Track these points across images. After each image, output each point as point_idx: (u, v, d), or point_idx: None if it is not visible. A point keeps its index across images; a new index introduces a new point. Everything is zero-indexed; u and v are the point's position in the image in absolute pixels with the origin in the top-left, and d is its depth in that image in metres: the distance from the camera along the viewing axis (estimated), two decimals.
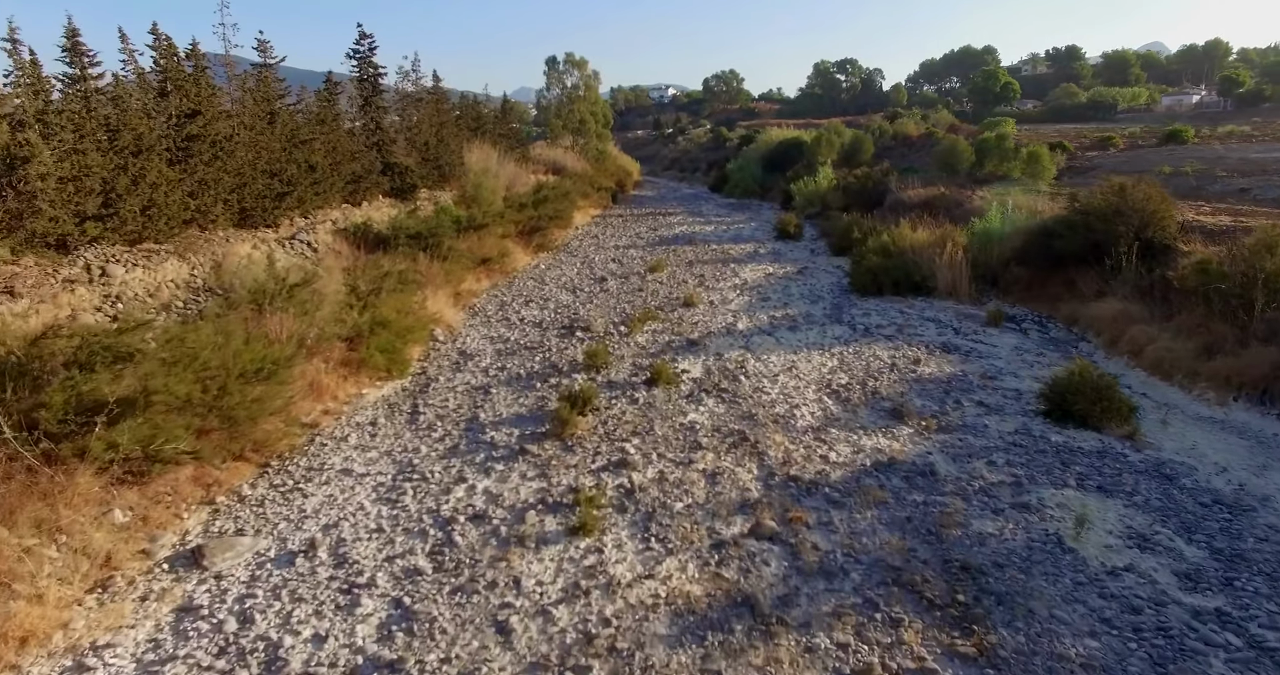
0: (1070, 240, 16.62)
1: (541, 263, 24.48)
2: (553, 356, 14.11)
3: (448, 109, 34.59)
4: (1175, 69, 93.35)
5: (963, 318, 16.31)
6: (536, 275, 22.35)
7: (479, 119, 38.78)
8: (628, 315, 16.92)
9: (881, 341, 14.59)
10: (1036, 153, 26.01)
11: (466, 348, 15.03)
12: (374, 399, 12.23)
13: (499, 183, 32.85)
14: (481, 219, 23.97)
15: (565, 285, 20.62)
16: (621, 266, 23.23)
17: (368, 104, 26.16)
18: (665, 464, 9.35)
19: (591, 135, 49.75)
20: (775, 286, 19.85)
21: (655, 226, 32.91)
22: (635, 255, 25.26)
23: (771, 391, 11.86)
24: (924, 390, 11.85)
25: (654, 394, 11.85)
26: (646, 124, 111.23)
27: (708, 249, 26.09)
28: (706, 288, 19.75)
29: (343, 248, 18.62)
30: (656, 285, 20.24)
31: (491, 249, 22.38)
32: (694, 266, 22.85)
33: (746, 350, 14.14)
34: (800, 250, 25.78)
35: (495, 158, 35.07)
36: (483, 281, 20.94)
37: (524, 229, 26.26)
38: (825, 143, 43.17)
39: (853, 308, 17.40)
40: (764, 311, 17.14)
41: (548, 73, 49.82)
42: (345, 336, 13.12)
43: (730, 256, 24.59)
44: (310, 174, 20.49)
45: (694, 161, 70.59)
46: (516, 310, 17.97)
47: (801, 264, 23.07)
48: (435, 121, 31.74)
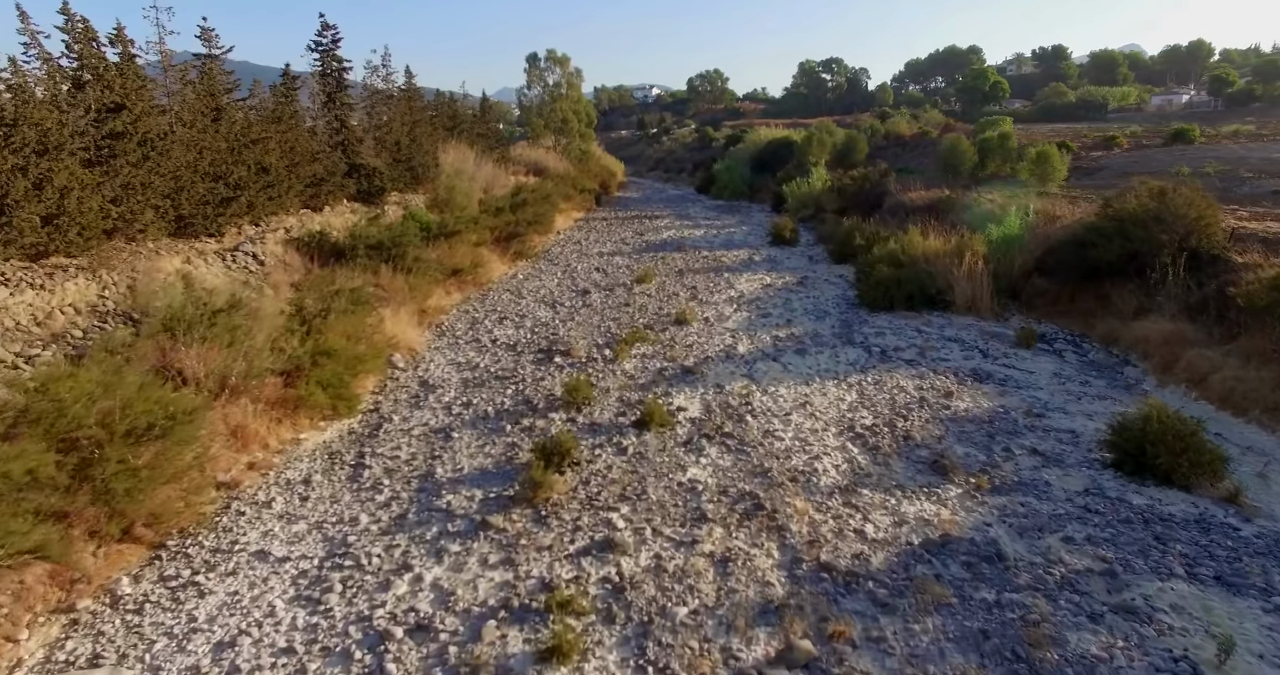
0: (1106, 250, 14.86)
1: (519, 272, 22.47)
2: (527, 389, 12.13)
3: (421, 107, 32.44)
4: (1159, 69, 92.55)
5: (988, 337, 14.50)
6: (513, 287, 20.34)
7: (455, 118, 36.66)
8: (613, 336, 14.98)
9: (903, 368, 12.73)
10: (1046, 153, 24.35)
11: (429, 377, 13.02)
12: (313, 446, 10.21)
13: (474, 185, 30.80)
14: (454, 225, 21.93)
15: (544, 299, 18.63)
16: (606, 276, 21.27)
17: (331, 101, 24.01)
18: (662, 544, 7.42)
19: (574, 135, 47.71)
20: (775, 300, 17.97)
21: (641, 231, 30.98)
22: (621, 263, 23.31)
23: (785, 436, 9.95)
24: (964, 433, 9.99)
25: (645, 440, 9.91)
26: (630, 124, 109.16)
27: (698, 256, 24.19)
28: (700, 301, 17.84)
29: (294, 260, 16.53)
30: (645, 299, 18.30)
31: (464, 258, 20.35)
32: (685, 276, 20.94)
33: (750, 380, 12.23)
34: (798, 257, 23.94)
35: (472, 159, 33.04)
36: (453, 295, 18.90)
37: (501, 235, 24.22)
38: (817, 143, 41.37)
39: (864, 325, 15.55)
40: (766, 330, 15.25)
41: (528, 70, 47.71)
42: (282, 370, 11.09)
43: (723, 264, 22.71)
44: (263, 177, 18.39)
45: (679, 162, 68.72)
46: (489, 329, 15.96)
47: (801, 273, 21.22)
48: (407, 120, 29.63)
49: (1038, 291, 16.68)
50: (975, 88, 66.57)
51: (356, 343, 12.73)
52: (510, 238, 24.45)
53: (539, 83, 47.84)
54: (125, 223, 14.06)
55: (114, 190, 13.85)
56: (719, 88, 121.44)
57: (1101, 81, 74.19)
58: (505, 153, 41.39)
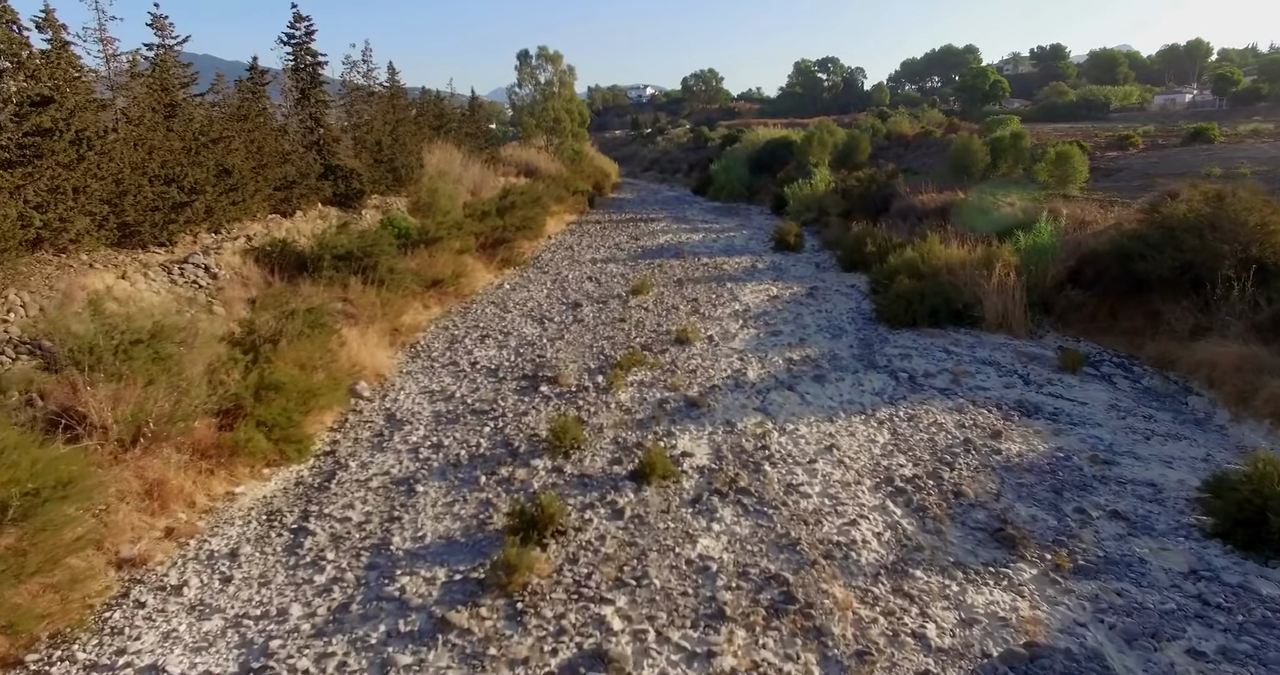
0: (1155, 262, 13.24)
1: (506, 282, 20.76)
2: (508, 426, 10.45)
3: (405, 105, 30.70)
4: (1157, 69, 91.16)
5: (1026, 360, 12.87)
6: (499, 299, 18.63)
7: (442, 117, 34.90)
8: (607, 358, 13.30)
9: (938, 399, 11.09)
10: (1066, 153, 22.79)
11: (398, 409, 11.33)
12: (250, 503, 8.51)
13: (461, 188, 29.08)
14: (435, 231, 20.21)
15: (531, 313, 16.93)
16: (599, 286, 19.59)
17: (305, 98, 22.24)
18: (670, 654, 5.75)
19: (567, 135, 45.97)
20: (785, 314, 16.32)
21: (637, 235, 29.30)
22: (615, 271, 21.63)
23: (812, 491, 8.30)
24: (1023, 486, 8.35)
25: (645, 498, 8.24)
26: (624, 124, 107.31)
27: (698, 263, 22.53)
28: (702, 316, 16.17)
29: (253, 272, 14.78)
30: (641, 312, 16.63)
31: (445, 267, 18.64)
32: (684, 287, 19.27)
33: (765, 415, 10.58)
34: (804, 265, 22.30)
35: (460, 160, 31.33)
36: (432, 309, 17.19)
37: (486, 241, 22.51)
38: (817, 142, 39.76)
39: (886, 345, 13.92)
40: (777, 351, 13.60)
41: (519, 68, 45.91)
42: (219, 409, 9.38)
43: (725, 273, 21.05)
44: (224, 179, 16.68)
45: (674, 162, 67.10)
46: (469, 350, 14.26)
47: (809, 282, 19.58)
48: (390, 119, 27.89)
49: (1072, 305, 15.06)
50: (975, 87, 65.06)
51: (313, 372, 11.02)
52: (497, 244, 22.74)
53: (530, 81, 46.09)
54: (53, 232, 12.33)
55: (40, 195, 12.12)
56: (714, 87, 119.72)
57: (1101, 81, 72.78)
58: (495, 153, 39.67)
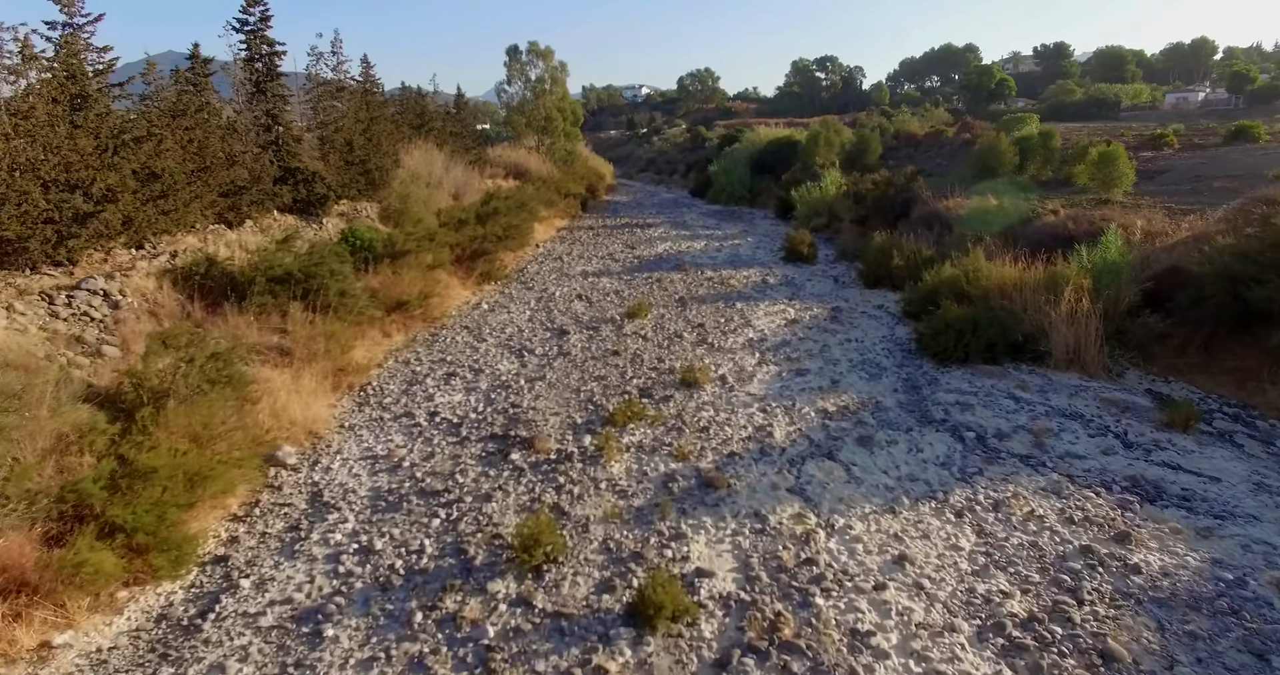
0: (1275, 287, 10.65)
1: (484, 301, 18.06)
2: (463, 518, 7.79)
3: (381, 102, 27.99)
4: (1161, 67, 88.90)
5: (1116, 411, 10.26)
6: (473, 322, 15.95)
7: (423, 115, 32.17)
8: (597, 408, 10.65)
9: (1023, 473, 8.47)
10: (1111, 154, 20.23)
11: (326, 485, 8.66)
12: (70, 666, 5.85)
13: (441, 192, 26.39)
14: (403, 243, 17.52)
15: (509, 343, 14.26)
16: (590, 308, 16.92)
17: (260, 92, 19.55)
18: None
19: (559, 134, 43.22)
20: (808, 344, 13.68)
21: (632, 243, 26.63)
22: (608, 287, 18.97)
23: (888, 645, 5.66)
24: (1199, 641, 5.70)
25: (647, 657, 5.60)
26: (620, 124, 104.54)
27: (701, 278, 19.88)
28: (711, 347, 13.53)
29: (169, 299, 12.09)
30: (639, 342, 13.98)
31: (412, 286, 15.95)
32: (688, 308, 16.61)
33: (804, 501, 7.94)
34: (820, 279, 19.66)
35: (441, 161, 28.65)
36: (394, 337, 14.51)
37: (464, 253, 19.83)
38: (824, 142, 37.12)
39: (936, 388, 11.30)
40: (806, 397, 10.96)
41: (508, 64, 43.09)
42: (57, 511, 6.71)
43: (733, 289, 18.41)
44: (151, 185, 14.06)
45: (671, 163, 64.41)
46: (429, 394, 11.59)
47: (829, 301, 16.95)
48: (364, 116, 25.21)
49: (1153, 336, 12.47)
50: (980, 85, 62.51)
51: (212, 442, 8.34)
52: (475, 256, 20.05)
53: (520, 78, 43.33)
54: None
55: None
56: (710, 87, 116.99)
57: (1107, 80, 70.35)
58: (483, 154, 36.98)
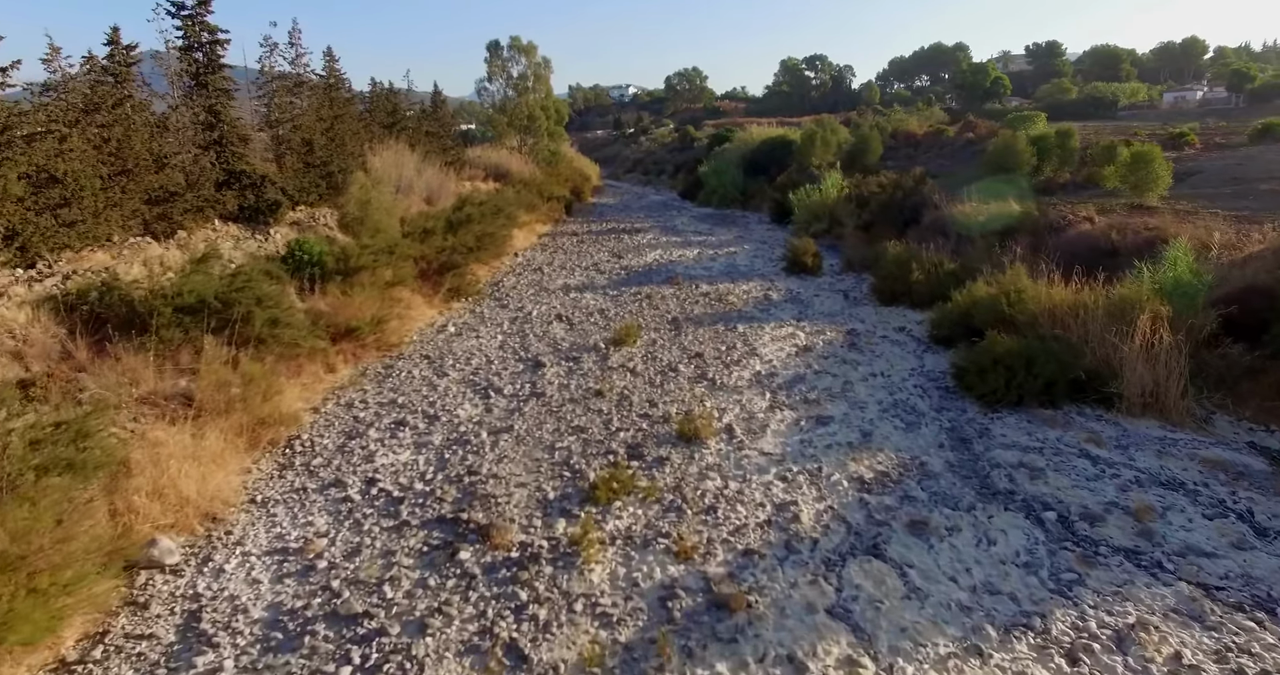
0: None
1: (451, 322, 15.79)
2: (384, 665, 5.58)
3: (348, 99, 25.62)
4: (1152, 66, 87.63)
5: (1225, 477, 8.14)
6: (435, 351, 13.68)
7: (395, 114, 29.79)
8: (575, 474, 8.44)
9: (1139, 581, 6.32)
10: (1145, 154, 18.25)
11: (211, 601, 6.40)
12: None
13: (412, 197, 24.08)
14: (358, 258, 15.23)
15: (474, 378, 12.01)
16: (571, 330, 14.70)
17: (200, 85, 17.19)
18: None
19: (542, 134, 40.91)
20: (827, 379, 11.52)
21: (619, 251, 24.42)
22: (592, 305, 16.75)
23: None
24: None
25: None
26: (606, 124, 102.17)
27: (696, 293, 17.70)
28: (712, 385, 11.34)
29: (43, 336, 9.77)
30: (627, 378, 11.78)
31: (365, 308, 13.68)
32: (683, 331, 14.42)
33: (851, 631, 5.74)
34: (828, 294, 17.52)
35: (413, 163, 26.33)
36: (339, 371, 12.23)
37: (431, 267, 17.55)
38: (820, 142, 35.05)
39: (989, 441, 9.17)
40: (834, 458, 8.80)
41: (489, 60, 40.75)
42: None
43: (732, 307, 16.23)
44: (47, 190, 11.78)
45: (659, 163, 62.24)
46: (369, 452, 9.34)
47: (841, 321, 14.82)
48: (326, 114, 22.89)
49: (1238, 371, 10.40)
50: (975, 84, 60.66)
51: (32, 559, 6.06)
52: (444, 270, 17.76)
53: (501, 75, 40.96)
54: None
55: None
56: (698, 86, 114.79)
57: (1102, 78, 68.75)
58: (460, 155, 34.64)
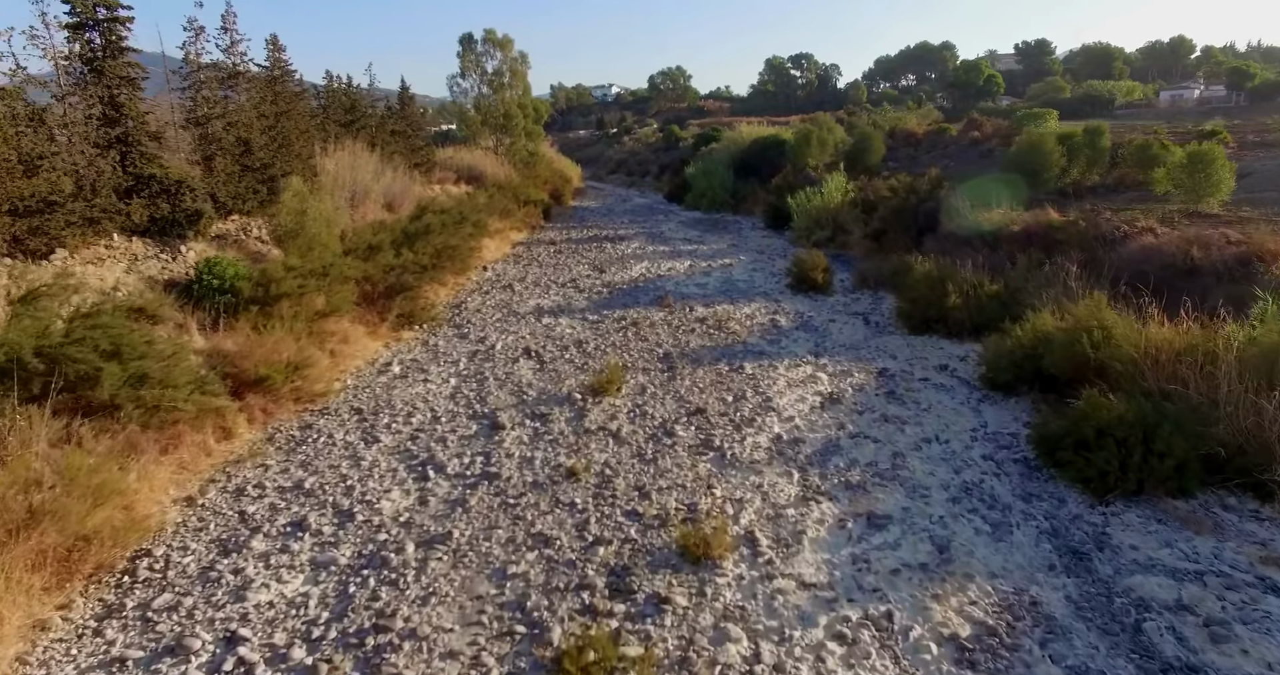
0: None
1: (397, 361, 12.88)
2: None
3: (295, 93, 22.61)
4: (1140, 65, 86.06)
5: None
6: (368, 404, 10.79)
7: (354, 111, 26.77)
8: (532, 632, 5.66)
9: None
10: (1205, 155, 15.77)
11: None
12: None
13: (368, 204, 21.13)
14: (283, 282, 12.31)
15: (409, 449, 9.15)
16: (541, 372, 11.88)
17: (96, 72, 14.22)
18: None
19: (519, 134, 37.96)
20: (867, 449, 8.78)
21: (601, 263, 21.61)
22: (568, 335, 13.94)
23: None
24: None
25: None
26: (589, 124, 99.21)
27: (691, 319, 14.93)
28: (720, 457, 8.57)
29: None
30: (608, 446, 8.98)
31: (283, 348, 10.79)
32: (677, 373, 11.63)
33: None
34: (845, 319, 14.81)
35: (373, 165, 23.39)
36: (237, 438, 9.33)
37: (377, 290, 14.65)
38: (817, 141, 32.44)
39: (1115, 557, 6.47)
40: (904, 592, 6.07)
41: (462, 55, 37.74)
42: None
43: (735, 338, 13.48)
44: None
45: (643, 164, 59.46)
46: (243, 581, 6.45)
47: (869, 357, 12.10)
48: (269, 111, 19.95)
49: None
50: (967, 82, 58.45)
51: None
52: (394, 292, 14.86)
53: (475, 70, 37.94)
54: None
55: None
56: (681, 86, 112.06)
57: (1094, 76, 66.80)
58: (430, 156, 31.67)
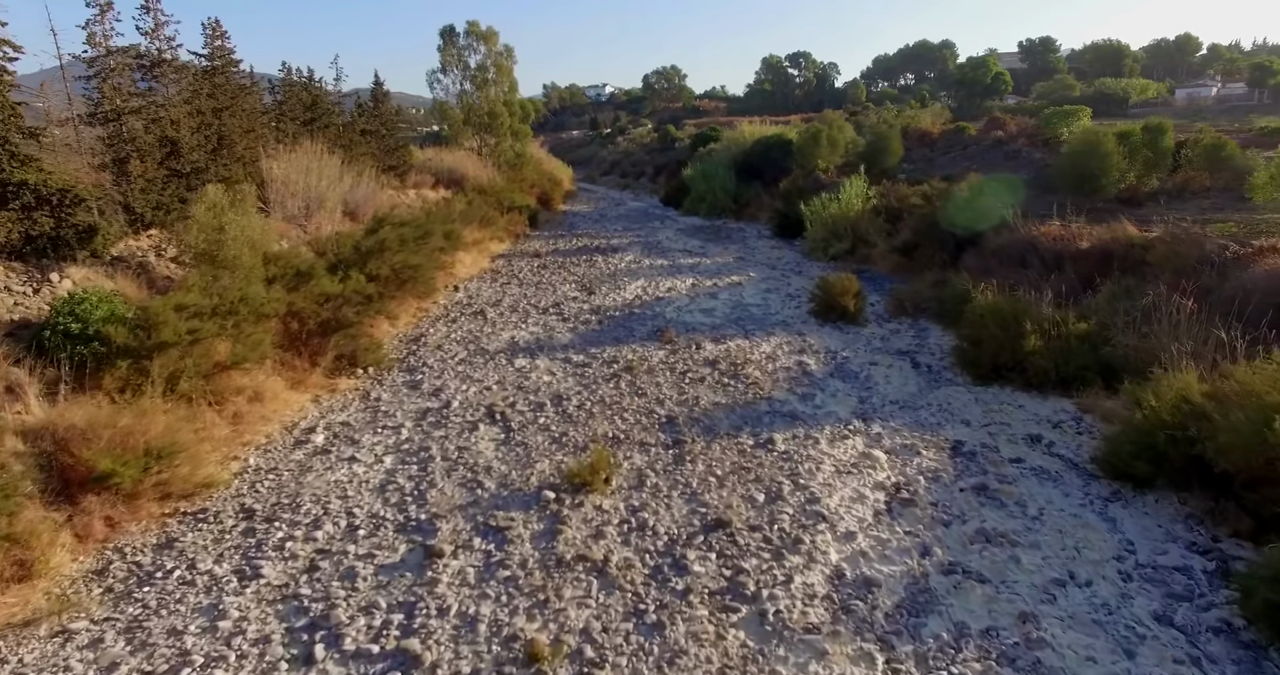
0: None
1: (323, 427, 9.84)
2: None
3: (240, 88, 19.58)
4: (1145, 63, 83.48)
5: None
6: (265, 502, 7.79)
7: (314, 108, 23.71)
8: None
9: None
10: None
11: None
12: None
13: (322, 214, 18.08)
14: (167, 328, 9.27)
15: (296, 590, 6.20)
16: (505, 447, 8.89)
17: None
18: None
19: (505, 133, 34.91)
20: (978, 598, 5.88)
21: (590, 281, 18.65)
22: (545, 386, 10.98)
23: None
24: None
25: None
26: (582, 124, 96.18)
27: (698, 360, 11.97)
28: (756, 617, 5.64)
29: None
30: (586, 590, 6.04)
31: (151, 425, 7.80)
32: (684, 454, 8.67)
33: None
34: (888, 359, 11.85)
35: (333, 169, 20.35)
36: (41, 577, 6.37)
37: (306, 329, 11.64)
38: (826, 141, 29.50)
39: None
40: None
41: (442, 48, 34.69)
42: None
43: (757, 391, 10.52)
44: None
45: (637, 165, 56.47)
46: None
47: (936, 422, 9.19)
48: (205, 106, 16.98)
49: None
50: (974, 80, 55.52)
51: None
52: (331, 329, 11.86)
53: (456, 65, 34.85)
54: None
55: None
56: (676, 85, 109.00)
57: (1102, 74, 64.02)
58: (407, 158, 28.64)
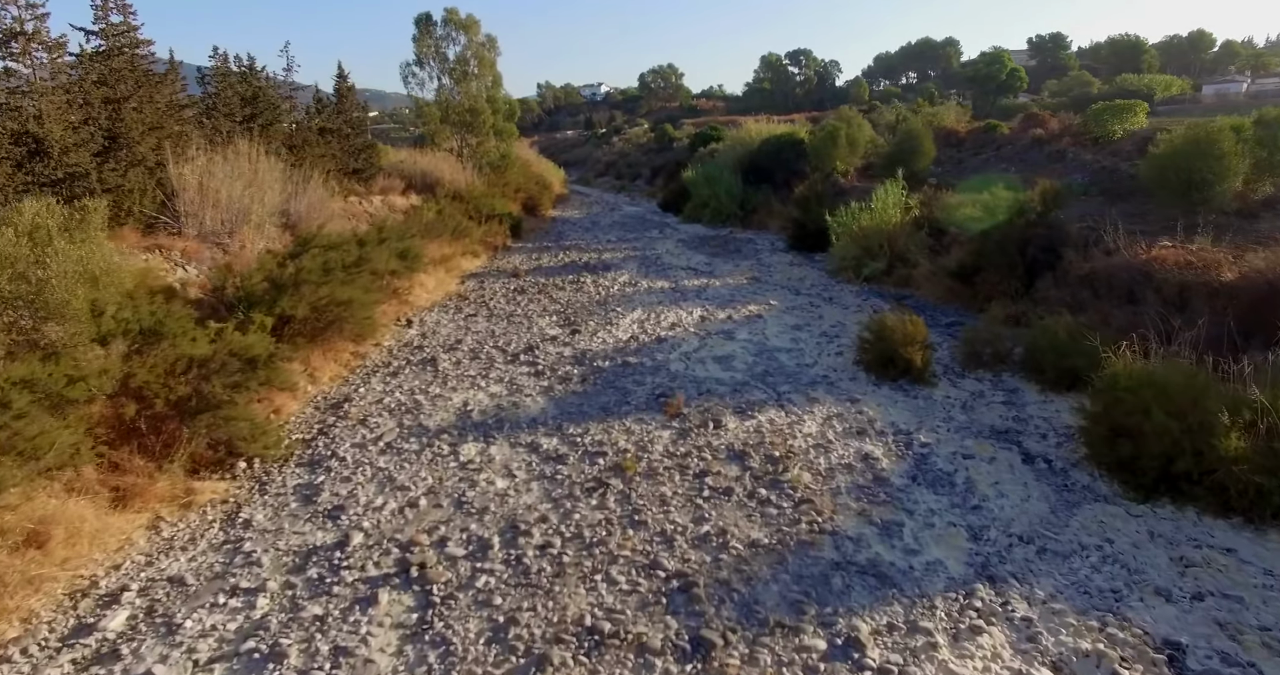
0: None
1: (134, 588, 6.23)
2: None
3: (148, 75, 15.85)
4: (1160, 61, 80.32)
5: None
6: None
7: (255, 103, 19.99)
8: None
9: None
10: None
11: None
12: None
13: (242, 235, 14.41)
14: None
15: None
16: (410, 648, 5.34)
17: None
18: None
19: (487, 133, 31.27)
20: None
21: (575, 312, 15.05)
22: (497, 503, 7.39)
23: None
24: None
25: None
26: (577, 124, 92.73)
27: (719, 449, 8.40)
28: None
29: None
30: None
31: None
32: (714, 669, 5.16)
33: None
34: (987, 448, 8.31)
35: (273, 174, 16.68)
36: None
37: (157, 411, 8.07)
38: (845, 141, 25.91)
39: None
40: None
41: (418, 38, 31.06)
42: None
43: (814, 520, 6.95)
44: None
45: (633, 166, 52.94)
46: None
47: (1115, 593, 5.67)
48: (96, 96, 13.39)
49: None
50: (989, 77, 52.09)
51: None
52: (191, 411, 8.25)
53: (433, 57, 31.16)
54: None
55: None
56: (673, 84, 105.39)
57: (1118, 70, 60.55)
58: (374, 160, 24.96)
